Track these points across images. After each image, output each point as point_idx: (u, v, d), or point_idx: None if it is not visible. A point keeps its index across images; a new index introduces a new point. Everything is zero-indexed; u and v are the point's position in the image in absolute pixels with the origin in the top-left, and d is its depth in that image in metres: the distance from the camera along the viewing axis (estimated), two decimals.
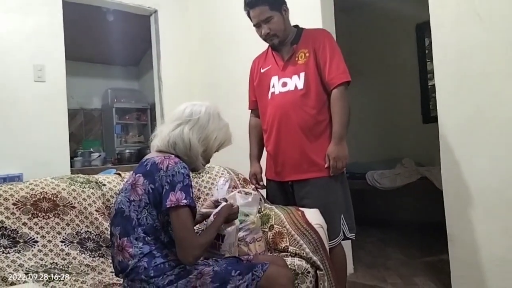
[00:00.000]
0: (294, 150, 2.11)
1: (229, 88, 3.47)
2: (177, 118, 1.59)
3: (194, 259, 1.39)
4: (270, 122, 2.20)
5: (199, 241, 1.41)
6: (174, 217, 1.39)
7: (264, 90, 2.25)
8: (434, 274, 2.71)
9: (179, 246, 1.39)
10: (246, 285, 1.44)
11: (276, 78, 2.19)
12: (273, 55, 2.24)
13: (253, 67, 2.38)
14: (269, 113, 2.20)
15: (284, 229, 2.02)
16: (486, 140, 2.09)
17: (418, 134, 4.37)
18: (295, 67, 2.14)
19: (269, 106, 2.21)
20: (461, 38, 2.17)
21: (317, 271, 1.90)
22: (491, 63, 2.08)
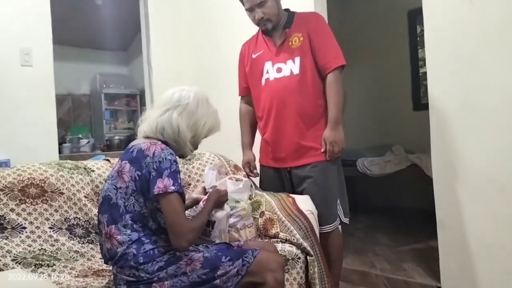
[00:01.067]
0: (293, 136, 2.09)
1: (221, 74, 3.43)
2: (165, 103, 1.56)
3: (188, 244, 1.39)
4: (266, 109, 2.15)
5: (191, 225, 1.41)
6: (164, 204, 1.38)
7: (256, 76, 2.19)
8: (422, 260, 2.74)
9: (171, 232, 1.38)
10: (237, 270, 1.45)
11: (269, 63, 2.13)
12: (265, 39, 2.19)
13: (243, 52, 2.31)
14: (264, 99, 2.15)
15: (274, 216, 2.02)
16: (477, 127, 2.10)
17: (409, 121, 4.38)
18: (289, 52, 2.09)
19: (263, 92, 2.16)
20: (453, 23, 2.17)
21: (307, 256, 1.91)
22: (482, 48, 2.07)
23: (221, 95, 3.35)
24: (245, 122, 2.35)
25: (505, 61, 2.01)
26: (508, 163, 2.01)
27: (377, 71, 4.74)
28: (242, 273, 1.45)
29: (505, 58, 2.01)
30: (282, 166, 2.17)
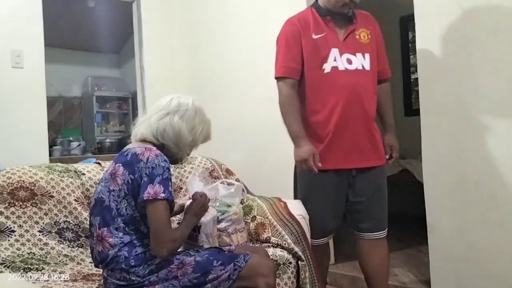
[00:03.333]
0: (362, 136, 1.93)
1: (214, 77, 3.43)
2: (163, 108, 1.57)
3: (167, 253, 1.38)
4: (331, 102, 1.88)
5: (173, 235, 1.40)
6: (150, 210, 1.37)
7: (317, 60, 1.89)
8: (413, 265, 2.75)
9: (153, 238, 1.37)
10: (228, 275, 1.44)
11: (336, 51, 1.89)
12: (325, 22, 1.93)
13: (296, 29, 1.92)
14: (329, 91, 1.88)
15: (266, 220, 2.02)
16: (467, 132, 2.12)
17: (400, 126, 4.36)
18: (358, 45, 1.92)
19: (328, 82, 1.88)
20: (444, 30, 2.19)
21: (299, 261, 1.91)
22: (473, 55, 2.10)
23: (214, 98, 3.36)
24: (296, 108, 1.93)
25: (496, 67, 2.03)
26: (498, 169, 2.03)
27: None
28: (233, 277, 1.45)
29: (496, 64, 2.03)
30: (345, 167, 1.92)
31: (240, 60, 3.25)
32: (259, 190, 2.48)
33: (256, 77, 3.14)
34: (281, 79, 1.94)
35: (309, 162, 1.83)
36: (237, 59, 3.27)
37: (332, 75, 1.87)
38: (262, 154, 3.10)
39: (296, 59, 1.91)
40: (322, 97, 1.90)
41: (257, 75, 3.13)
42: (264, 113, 3.09)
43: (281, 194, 2.35)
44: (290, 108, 1.92)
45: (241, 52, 3.24)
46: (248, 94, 3.20)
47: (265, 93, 3.08)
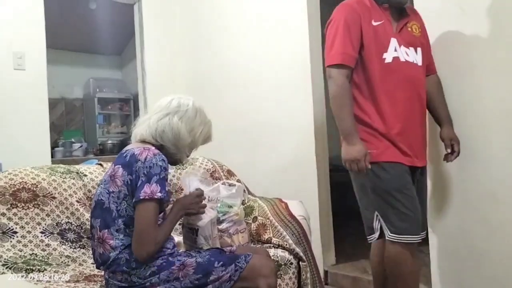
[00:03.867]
0: (422, 133, 1.85)
1: (215, 78, 3.44)
2: (163, 109, 1.57)
3: (147, 256, 1.38)
4: (397, 95, 1.74)
5: (157, 238, 1.39)
6: (140, 209, 1.38)
7: (377, 48, 1.75)
8: None
9: (137, 239, 1.37)
10: (229, 276, 1.45)
11: (395, 41, 1.77)
12: (382, 10, 1.81)
13: (356, 13, 1.76)
14: (394, 83, 1.74)
15: (267, 221, 2.03)
16: (469, 134, 2.12)
17: None
18: (411, 38, 1.83)
19: (390, 72, 1.75)
20: (446, 32, 2.19)
21: (300, 262, 1.92)
22: (475, 57, 2.09)
23: (215, 99, 3.37)
24: (350, 102, 1.74)
25: (497, 68, 2.03)
26: (499, 170, 2.03)
27: None
28: (234, 278, 1.45)
29: (497, 65, 2.03)
30: (413, 165, 1.81)
31: (241, 61, 3.26)
32: (260, 191, 2.48)
33: (257, 78, 3.15)
34: (337, 67, 1.72)
35: (361, 163, 1.69)
36: (238, 60, 3.29)
37: (394, 66, 1.74)
38: (263, 155, 3.11)
39: (355, 46, 1.72)
40: (385, 89, 1.73)
41: (258, 76, 3.14)
42: (265, 113, 3.10)
43: (282, 194, 2.36)
44: (345, 101, 1.72)
45: (241, 53, 3.25)
46: (249, 95, 3.21)
47: (266, 94, 3.10)
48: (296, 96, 2.90)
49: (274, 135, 3.06)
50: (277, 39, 3.01)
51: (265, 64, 3.10)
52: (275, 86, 3.04)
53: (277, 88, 3.03)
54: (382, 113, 1.73)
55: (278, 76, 3.01)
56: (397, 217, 1.74)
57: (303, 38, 2.83)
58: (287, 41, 2.94)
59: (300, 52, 2.86)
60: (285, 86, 2.97)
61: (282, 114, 2.99)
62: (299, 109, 2.88)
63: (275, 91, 3.04)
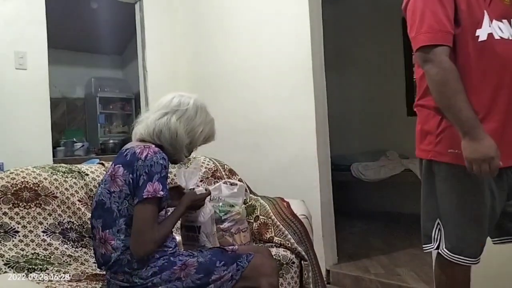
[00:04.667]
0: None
1: (217, 77, 3.44)
2: (163, 107, 1.55)
3: (145, 254, 1.38)
4: (495, 80, 1.41)
5: (156, 237, 1.39)
6: (141, 208, 1.37)
7: (470, 24, 1.42)
8: (415, 265, 2.74)
9: (136, 237, 1.37)
10: (231, 275, 1.45)
11: (486, 15, 1.42)
12: None
13: None
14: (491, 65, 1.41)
15: (269, 220, 2.02)
16: None
17: (403, 126, 4.40)
18: (504, 8, 1.47)
19: (486, 53, 1.40)
20: None
21: (302, 261, 1.91)
22: None
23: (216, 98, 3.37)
24: (463, 87, 1.35)
25: None
26: None
27: (372, 76, 4.77)
28: (236, 277, 1.45)
29: None
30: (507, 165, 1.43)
31: (242, 60, 3.26)
32: (262, 190, 2.48)
33: (258, 77, 3.15)
34: (436, 47, 1.37)
35: (496, 161, 1.31)
36: (239, 59, 3.28)
37: (488, 45, 1.41)
38: (265, 154, 3.11)
39: (451, 20, 1.40)
40: (480, 74, 1.41)
41: (259, 75, 3.14)
42: (267, 113, 3.10)
43: (284, 193, 2.35)
44: (457, 86, 1.35)
45: (243, 52, 3.25)
46: (251, 94, 3.21)
47: (267, 93, 3.10)
48: (298, 95, 2.90)
49: (275, 134, 3.05)
50: (278, 38, 3.01)
51: (266, 63, 3.10)
52: (277, 85, 3.03)
53: (278, 87, 3.02)
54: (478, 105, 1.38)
55: (280, 75, 3.00)
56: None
57: (304, 38, 2.83)
58: (289, 40, 2.94)
59: (301, 51, 2.85)
60: (287, 85, 2.97)
61: (283, 113, 2.99)
62: (301, 108, 2.88)
63: (277, 90, 3.03)
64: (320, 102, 2.88)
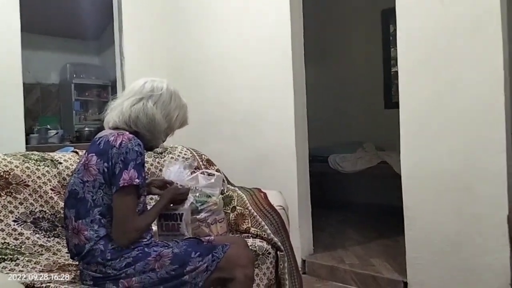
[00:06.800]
0: None
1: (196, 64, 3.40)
2: (136, 93, 1.52)
3: (128, 242, 1.38)
4: None
5: (138, 225, 1.40)
6: (119, 196, 1.36)
7: None
8: (390, 255, 2.79)
9: (117, 227, 1.37)
10: (206, 266, 1.44)
11: None
12: None
13: None
14: None
15: (246, 211, 2.02)
16: (445, 127, 2.16)
17: (380, 119, 4.45)
18: None
19: None
20: (424, 24, 2.21)
21: (278, 252, 1.92)
22: (452, 50, 2.12)
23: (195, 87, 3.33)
24: None
25: (474, 62, 2.06)
26: (474, 163, 2.07)
27: (351, 69, 4.79)
28: (211, 268, 1.44)
29: (474, 60, 2.06)
30: None
31: (222, 49, 3.23)
32: (240, 181, 2.48)
33: (238, 67, 3.12)
34: None
35: None
36: (219, 48, 3.25)
37: None
38: (244, 144, 3.10)
39: None
40: None
41: (239, 65, 3.12)
42: (246, 103, 3.08)
43: (261, 184, 2.36)
44: None
45: (223, 41, 3.22)
46: (230, 84, 3.19)
47: (246, 83, 3.08)
48: (277, 86, 2.89)
49: (254, 124, 3.05)
50: (259, 28, 2.99)
51: (246, 53, 3.08)
52: (257, 75, 3.02)
53: (258, 78, 3.01)
54: None
55: (260, 66, 2.99)
56: None
57: (284, 28, 2.82)
58: (269, 31, 2.92)
59: (281, 42, 2.84)
60: (266, 76, 2.96)
61: (263, 104, 2.98)
62: (280, 99, 2.88)
63: (256, 81, 3.02)
64: (299, 94, 2.88)
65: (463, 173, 2.10)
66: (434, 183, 2.19)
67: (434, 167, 2.19)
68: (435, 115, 2.18)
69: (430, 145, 2.20)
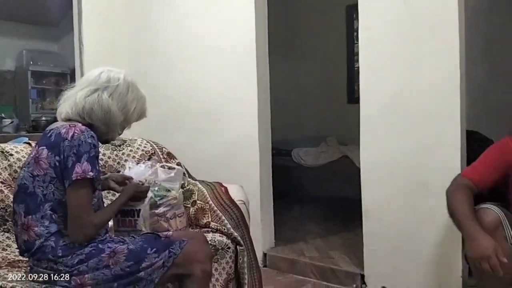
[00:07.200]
0: None
1: (158, 53, 3.32)
2: (91, 83, 1.46)
3: (85, 238, 1.34)
4: None
5: (94, 220, 1.36)
6: (73, 191, 1.32)
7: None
8: (349, 248, 2.85)
9: (73, 222, 1.32)
10: (162, 262, 1.42)
11: None
12: None
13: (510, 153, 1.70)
14: None
15: (206, 205, 2.01)
16: (403, 123, 2.20)
17: (343, 114, 4.51)
18: None
19: None
20: (385, 21, 2.24)
21: (237, 246, 1.92)
22: (412, 47, 2.17)
23: (157, 78, 3.26)
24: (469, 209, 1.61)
25: (433, 60, 2.11)
26: (429, 159, 2.13)
27: (315, 63, 4.83)
28: (168, 265, 1.42)
29: (433, 57, 2.11)
30: None
31: (186, 40, 3.17)
32: (203, 174, 2.44)
33: (202, 59, 3.08)
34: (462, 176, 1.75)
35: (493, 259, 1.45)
36: (183, 38, 3.19)
37: None
38: (207, 137, 3.07)
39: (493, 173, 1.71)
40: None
41: (203, 57, 3.07)
42: (210, 95, 3.04)
43: (224, 178, 2.34)
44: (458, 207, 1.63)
45: (186, 32, 3.16)
46: (193, 77, 3.14)
47: (211, 75, 3.04)
48: (241, 79, 2.88)
49: (218, 117, 3.02)
50: (224, 20, 2.95)
51: (210, 44, 3.03)
52: (220, 67, 2.98)
53: (222, 69, 2.98)
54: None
55: (223, 57, 2.96)
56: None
57: (249, 21, 2.80)
58: (233, 23, 2.89)
59: (246, 34, 2.82)
60: (230, 70, 2.93)
61: (226, 96, 2.96)
62: (244, 93, 2.86)
63: (220, 72, 2.99)
64: (263, 87, 2.87)
65: (419, 168, 2.15)
66: (391, 177, 2.25)
67: (392, 162, 2.24)
68: (394, 111, 2.22)
69: (388, 141, 2.24)
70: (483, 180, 1.71)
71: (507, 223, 1.56)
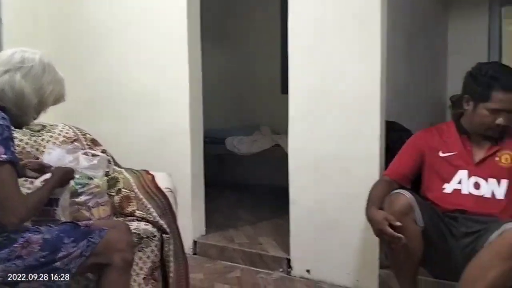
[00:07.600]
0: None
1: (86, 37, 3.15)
2: (2, 64, 1.38)
3: (19, 221, 1.29)
4: None
5: (26, 201, 1.31)
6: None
7: (439, 178, 1.83)
8: (277, 234, 2.92)
9: (3, 207, 1.25)
10: (80, 252, 1.37)
11: (464, 173, 1.78)
12: (462, 140, 1.83)
13: (422, 142, 1.90)
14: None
15: (132, 193, 1.97)
16: (327, 113, 2.29)
17: (276, 103, 4.56)
18: (495, 169, 1.76)
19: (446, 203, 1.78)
20: (314, 12, 2.31)
21: (164, 234, 1.90)
22: (338, 40, 2.25)
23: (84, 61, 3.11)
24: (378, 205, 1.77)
25: (358, 51, 2.21)
26: (353, 147, 2.23)
27: (250, 52, 4.84)
28: (86, 254, 1.38)
29: (357, 51, 2.21)
30: None
31: (116, 25, 3.04)
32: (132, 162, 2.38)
33: (133, 44, 2.98)
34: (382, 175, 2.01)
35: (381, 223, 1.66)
36: (113, 24, 3.06)
37: (452, 197, 1.78)
38: (136, 124, 2.99)
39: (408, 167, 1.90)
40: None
41: (134, 42, 2.98)
42: (139, 82, 2.96)
43: (154, 165, 2.30)
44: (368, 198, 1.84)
45: (116, 16, 3.04)
46: (123, 62, 3.03)
47: (140, 60, 2.96)
48: (172, 65, 2.83)
49: (148, 104, 2.95)
50: (154, 5, 2.87)
51: (140, 27, 2.94)
52: (151, 55, 2.91)
53: (153, 57, 2.90)
54: None
55: (153, 42, 2.89)
56: None
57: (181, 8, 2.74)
58: (164, 5, 2.82)
59: (177, 18, 2.77)
60: (161, 56, 2.87)
61: (156, 82, 2.90)
62: (174, 78, 2.82)
63: (150, 58, 2.91)
64: (195, 73, 2.84)
65: (342, 156, 2.26)
66: (316, 165, 2.33)
67: (317, 150, 2.32)
68: (319, 101, 2.30)
69: (313, 130, 2.32)
70: (400, 172, 1.91)
71: (417, 206, 1.69)
